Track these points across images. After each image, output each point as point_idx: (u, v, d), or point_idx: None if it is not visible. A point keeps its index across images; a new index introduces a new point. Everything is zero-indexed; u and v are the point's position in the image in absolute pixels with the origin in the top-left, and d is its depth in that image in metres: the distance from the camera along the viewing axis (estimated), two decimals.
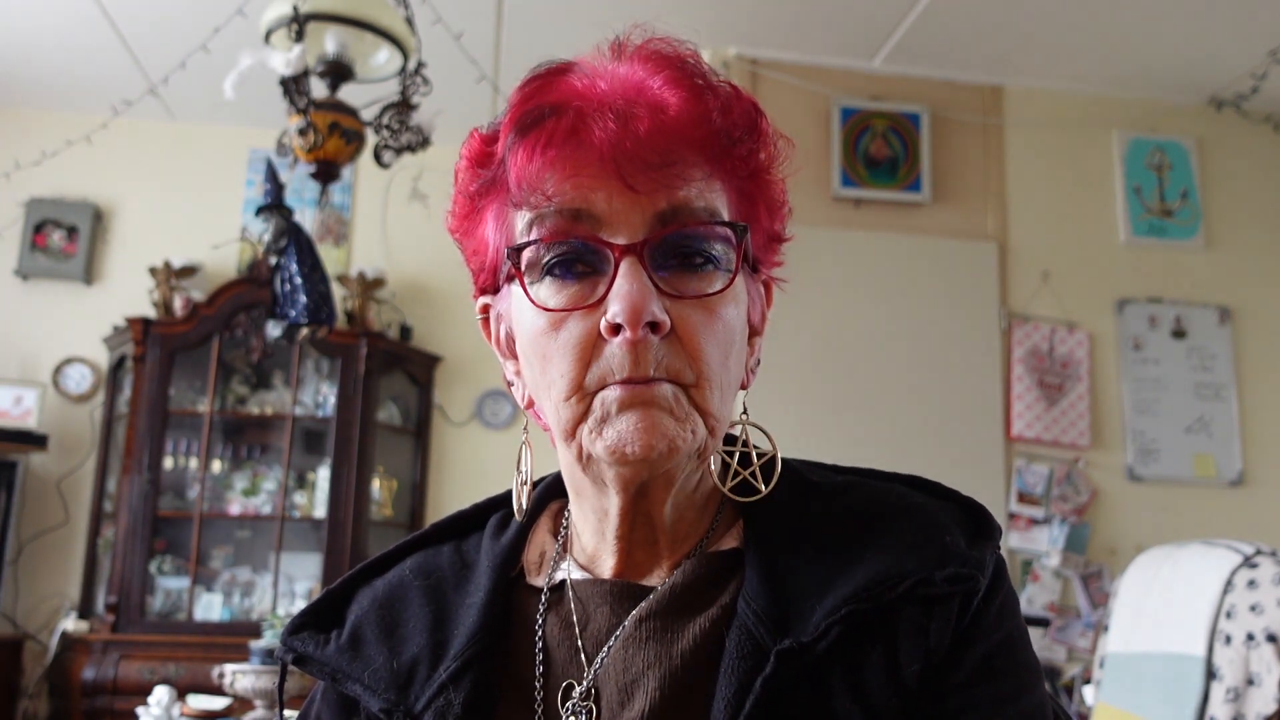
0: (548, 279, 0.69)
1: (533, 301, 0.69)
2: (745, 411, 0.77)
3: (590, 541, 0.76)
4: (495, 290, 0.76)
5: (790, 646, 0.65)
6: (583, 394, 0.68)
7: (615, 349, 0.67)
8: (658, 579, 0.74)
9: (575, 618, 0.74)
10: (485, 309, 0.78)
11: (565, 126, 0.68)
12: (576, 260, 0.68)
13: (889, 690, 0.66)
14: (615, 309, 0.66)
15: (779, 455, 0.75)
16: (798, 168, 0.76)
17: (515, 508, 0.78)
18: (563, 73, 0.71)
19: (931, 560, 0.68)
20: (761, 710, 0.64)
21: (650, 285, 0.67)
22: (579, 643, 0.73)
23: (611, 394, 0.67)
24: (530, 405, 0.77)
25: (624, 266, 0.67)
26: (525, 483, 0.78)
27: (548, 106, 0.69)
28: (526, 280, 0.70)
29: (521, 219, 0.70)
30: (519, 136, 0.69)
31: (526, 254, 0.69)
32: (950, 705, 0.67)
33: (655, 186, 0.67)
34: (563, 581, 0.76)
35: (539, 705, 0.72)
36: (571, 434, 0.69)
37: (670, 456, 0.68)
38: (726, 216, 0.71)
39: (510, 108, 0.71)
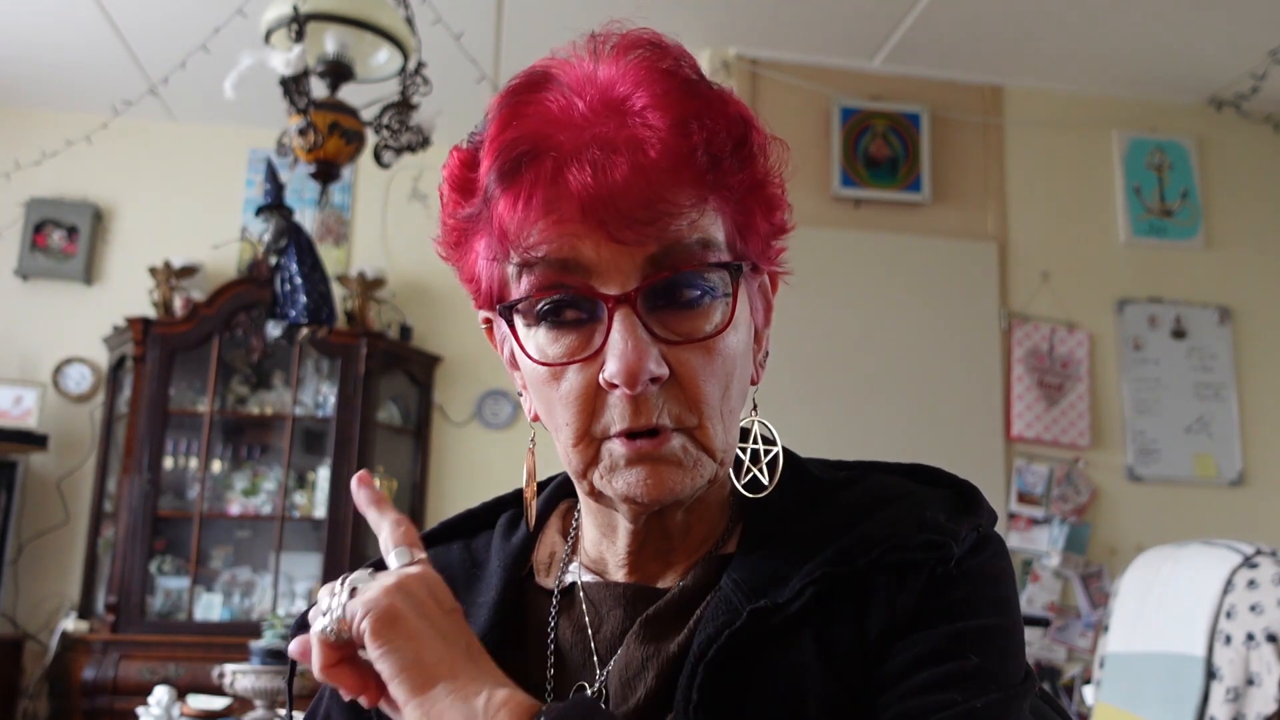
0: (543, 326, 0.69)
1: (529, 356, 0.69)
2: (755, 408, 0.77)
3: (599, 548, 0.77)
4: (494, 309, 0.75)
5: (764, 605, 0.66)
6: (590, 440, 0.69)
7: (616, 401, 0.67)
8: (671, 581, 0.74)
9: (588, 620, 0.74)
10: (488, 320, 0.78)
11: (546, 175, 0.66)
12: (571, 308, 0.68)
13: (853, 649, 0.67)
14: (612, 369, 0.65)
15: (780, 450, 0.76)
16: (796, 168, 0.75)
17: (526, 519, 0.79)
18: (539, 88, 0.69)
19: (907, 530, 0.69)
20: (726, 658, 0.65)
21: (646, 337, 0.66)
22: (592, 645, 0.73)
23: (619, 449, 0.68)
24: (538, 418, 0.76)
25: (618, 319, 0.66)
26: (535, 496, 0.79)
27: (524, 153, 0.66)
28: (525, 328, 0.69)
29: (511, 263, 0.69)
30: (499, 186, 0.67)
31: (520, 305, 0.69)
32: (900, 648, 0.66)
33: (643, 237, 0.66)
34: (574, 584, 0.76)
35: None
36: (583, 475, 0.70)
37: (678, 496, 0.69)
38: (722, 235, 0.69)
39: (489, 138, 0.69)
